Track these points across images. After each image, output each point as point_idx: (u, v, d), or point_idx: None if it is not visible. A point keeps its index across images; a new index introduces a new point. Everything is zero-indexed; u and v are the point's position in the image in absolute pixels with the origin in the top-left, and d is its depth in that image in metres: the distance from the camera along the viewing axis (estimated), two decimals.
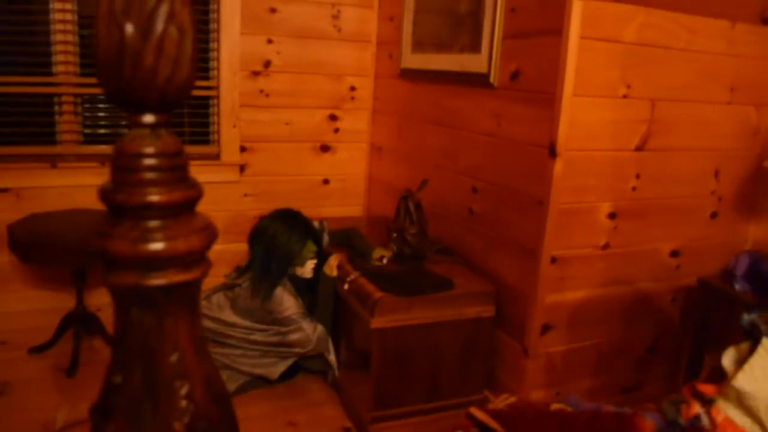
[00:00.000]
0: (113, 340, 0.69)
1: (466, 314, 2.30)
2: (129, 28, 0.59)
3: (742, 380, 1.10)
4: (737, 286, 2.33)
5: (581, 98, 2.13)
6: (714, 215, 2.63)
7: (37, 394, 2.52)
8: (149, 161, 0.64)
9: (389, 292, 2.21)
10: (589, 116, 2.18)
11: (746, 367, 1.12)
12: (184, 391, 0.68)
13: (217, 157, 3.33)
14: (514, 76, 2.35)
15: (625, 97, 2.24)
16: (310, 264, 2.59)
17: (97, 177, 3.03)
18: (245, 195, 3.39)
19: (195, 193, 0.67)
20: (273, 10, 3.27)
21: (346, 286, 2.41)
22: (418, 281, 2.32)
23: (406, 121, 3.19)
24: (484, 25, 2.49)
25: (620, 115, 2.25)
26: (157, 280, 0.64)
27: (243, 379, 2.50)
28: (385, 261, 2.52)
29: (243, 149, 3.36)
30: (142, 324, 0.66)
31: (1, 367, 2.70)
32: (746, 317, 1.26)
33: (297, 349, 2.49)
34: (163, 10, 0.60)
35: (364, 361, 2.29)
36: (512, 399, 1.29)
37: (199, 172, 3.10)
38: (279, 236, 2.55)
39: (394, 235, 2.57)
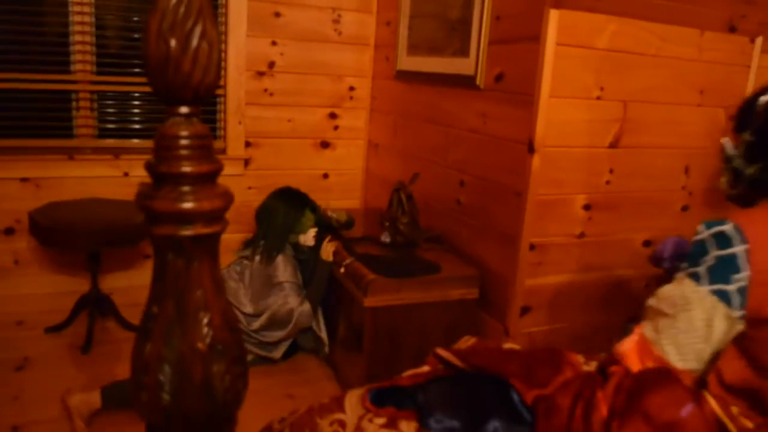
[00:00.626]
0: (152, 279, 0.89)
1: (452, 296, 2.51)
2: (173, 43, 0.80)
3: (651, 300, 1.29)
4: (666, 266, 2.51)
5: (557, 99, 2.34)
6: (685, 208, 2.83)
7: (53, 369, 2.72)
8: (184, 141, 0.84)
9: (381, 274, 2.42)
10: (564, 116, 2.38)
11: (658, 291, 1.31)
12: (206, 320, 0.88)
13: (223, 151, 3.54)
14: (498, 78, 2.56)
15: (598, 98, 2.44)
16: (312, 232, 2.82)
17: (111, 168, 3.25)
18: (249, 187, 3.60)
19: (217, 166, 0.87)
20: (277, 15, 3.48)
21: (342, 270, 2.62)
22: (407, 265, 2.53)
23: (401, 120, 3.40)
24: (472, 31, 2.69)
25: (594, 115, 2.46)
26: (187, 231, 0.84)
27: (252, 357, 2.72)
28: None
29: (248, 144, 3.57)
30: (175, 266, 0.87)
31: (21, 344, 2.91)
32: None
33: (281, 332, 2.68)
34: (198, 30, 0.81)
35: (358, 339, 2.49)
36: (473, 340, 1.49)
37: None
38: (279, 209, 2.82)
39: (387, 224, 2.77)
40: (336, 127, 3.76)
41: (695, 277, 1.22)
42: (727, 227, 1.22)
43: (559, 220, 2.49)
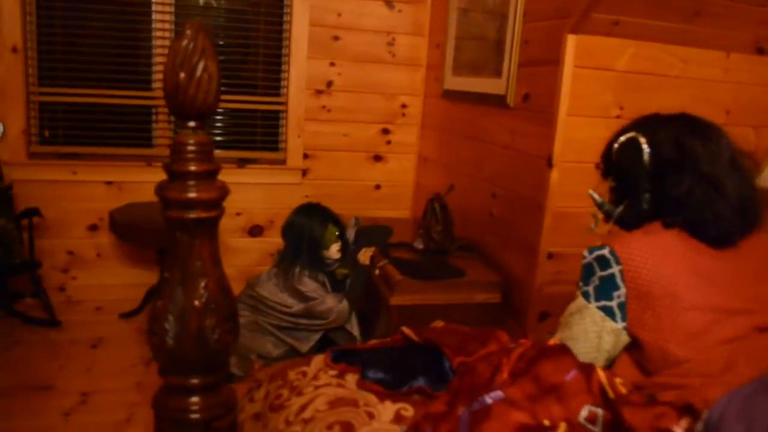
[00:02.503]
0: (167, 252, 1.17)
1: (475, 299, 2.71)
2: (182, 75, 1.08)
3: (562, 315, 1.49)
4: None
5: (576, 118, 2.51)
6: None
7: (124, 349, 3.10)
8: (190, 147, 1.12)
9: (408, 276, 2.65)
10: (583, 133, 2.54)
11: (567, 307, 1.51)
12: (203, 284, 1.15)
13: (283, 162, 3.87)
14: (526, 98, 2.75)
15: (618, 117, 2.58)
16: (335, 246, 3.00)
17: None
18: (306, 196, 3.90)
19: (216, 166, 1.14)
20: (336, 38, 3.79)
21: (377, 272, 2.87)
22: (435, 270, 2.75)
23: (446, 136, 3.63)
24: (504, 53, 2.90)
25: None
26: (191, 215, 1.12)
27: (286, 347, 2.97)
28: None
29: (306, 156, 3.89)
30: (182, 242, 1.14)
31: (98, 326, 3.33)
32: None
33: (319, 322, 2.89)
34: (201, 65, 1.08)
35: (385, 336, 2.72)
36: (441, 323, 1.71)
37: (268, 175, 3.74)
38: (302, 225, 2.97)
39: (421, 231, 3.00)
40: (388, 142, 4.03)
41: (586, 296, 1.40)
42: (605, 251, 1.39)
43: (578, 232, 2.64)
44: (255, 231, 3.87)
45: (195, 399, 1.22)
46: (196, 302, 1.14)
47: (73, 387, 2.71)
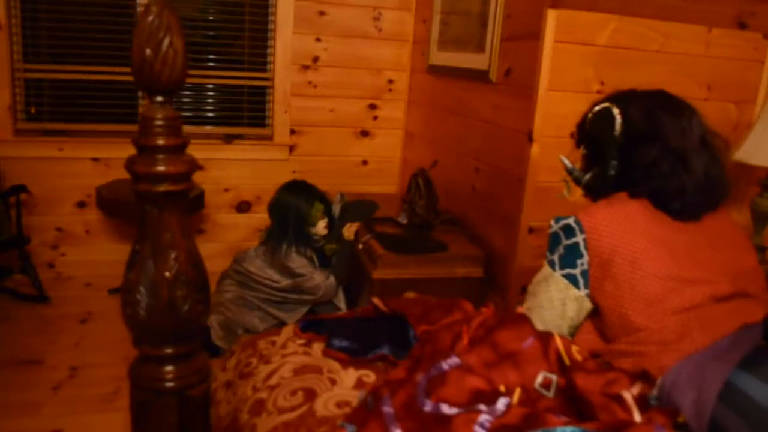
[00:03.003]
0: (138, 224, 1.19)
1: (457, 273, 2.74)
2: (148, 51, 1.09)
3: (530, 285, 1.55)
4: None
5: (556, 93, 2.52)
6: None
7: (112, 324, 3.13)
8: (158, 122, 1.14)
9: (390, 251, 2.68)
10: (563, 108, 2.55)
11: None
12: (173, 255, 1.18)
13: (270, 138, 3.89)
14: (507, 73, 2.76)
15: (599, 92, 2.60)
16: (322, 223, 3.02)
17: None
18: (294, 171, 3.92)
19: (184, 140, 1.16)
20: (322, 13, 3.78)
21: (360, 246, 2.90)
22: (418, 244, 2.78)
23: (432, 111, 3.64)
24: (488, 28, 2.90)
25: None
26: (160, 188, 1.14)
27: (273, 321, 3.01)
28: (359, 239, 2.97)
29: (293, 132, 3.90)
30: (151, 214, 1.17)
31: (87, 301, 3.37)
32: None
33: (308, 297, 2.94)
34: (166, 41, 1.10)
35: None
36: (412, 294, 1.74)
37: (255, 151, 3.76)
38: (288, 203, 2.99)
39: (405, 206, 3.03)
40: (375, 118, 4.04)
41: (552, 264, 1.45)
42: (570, 220, 1.44)
43: (558, 207, 2.67)
44: (243, 207, 3.89)
45: (169, 368, 1.25)
46: (167, 274, 1.17)
47: (62, 361, 2.76)
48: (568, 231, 1.44)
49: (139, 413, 1.26)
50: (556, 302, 1.39)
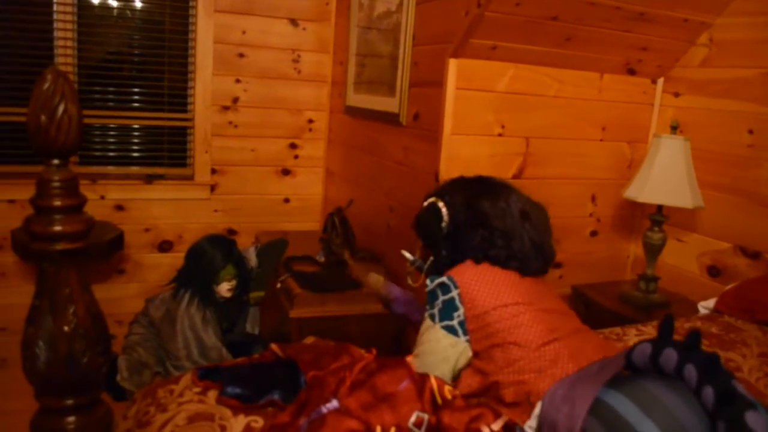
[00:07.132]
0: (36, 281, 1.24)
1: (371, 310, 2.83)
2: (43, 117, 1.16)
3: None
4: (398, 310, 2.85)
5: (459, 136, 2.68)
6: (594, 233, 3.15)
7: None
8: (55, 184, 1.20)
9: (307, 289, 2.76)
10: (467, 151, 2.72)
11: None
12: (72, 310, 1.23)
13: (191, 177, 3.91)
14: (416, 117, 2.91)
15: (500, 135, 2.78)
16: (226, 285, 3.09)
17: (89, 192, 3.60)
18: (215, 210, 3.96)
19: (80, 200, 1.23)
20: (241, 55, 3.87)
21: (278, 285, 2.97)
22: (333, 282, 2.87)
23: (350, 150, 3.76)
24: (397, 74, 3.05)
25: (497, 150, 2.79)
26: (57, 246, 1.20)
27: None
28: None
29: (214, 171, 3.94)
30: (50, 272, 1.22)
31: (3, 346, 3.28)
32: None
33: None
34: (61, 108, 1.17)
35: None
36: (312, 339, 1.84)
37: (176, 191, 3.78)
38: (205, 252, 3.07)
39: (322, 244, 3.12)
40: (296, 156, 4.13)
41: (432, 317, 1.61)
42: (445, 279, 1.61)
43: None
44: (164, 246, 3.89)
45: (71, 419, 1.30)
46: (66, 328, 1.22)
47: None
48: (444, 288, 1.60)
49: None
50: (438, 350, 1.55)
